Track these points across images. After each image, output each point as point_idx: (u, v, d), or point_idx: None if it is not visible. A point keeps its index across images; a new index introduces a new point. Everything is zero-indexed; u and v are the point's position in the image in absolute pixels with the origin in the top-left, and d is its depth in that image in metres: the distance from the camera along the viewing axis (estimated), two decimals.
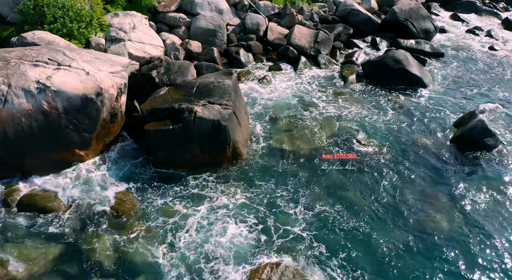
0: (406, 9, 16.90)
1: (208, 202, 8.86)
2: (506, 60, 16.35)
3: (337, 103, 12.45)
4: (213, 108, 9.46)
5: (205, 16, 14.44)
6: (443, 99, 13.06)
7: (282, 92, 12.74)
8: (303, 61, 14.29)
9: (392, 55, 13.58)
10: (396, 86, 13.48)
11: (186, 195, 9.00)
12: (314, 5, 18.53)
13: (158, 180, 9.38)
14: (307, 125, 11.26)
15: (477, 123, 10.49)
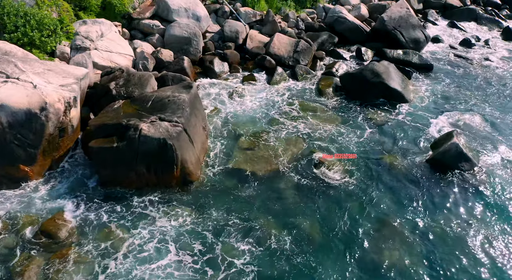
0: (395, 17, 16.07)
1: (150, 225, 8.37)
2: (500, 72, 15.35)
3: (308, 119, 11.79)
4: (160, 126, 8.98)
5: (180, 23, 13.99)
6: (424, 116, 12.24)
7: (251, 105, 12.17)
8: (279, 72, 13.69)
9: (372, 67, 12.83)
10: (374, 101, 12.73)
11: (127, 217, 8.53)
12: (303, 12, 17.89)
13: (101, 199, 8.94)
14: (271, 144, 10.64)
15: (450, 147, 9.69)
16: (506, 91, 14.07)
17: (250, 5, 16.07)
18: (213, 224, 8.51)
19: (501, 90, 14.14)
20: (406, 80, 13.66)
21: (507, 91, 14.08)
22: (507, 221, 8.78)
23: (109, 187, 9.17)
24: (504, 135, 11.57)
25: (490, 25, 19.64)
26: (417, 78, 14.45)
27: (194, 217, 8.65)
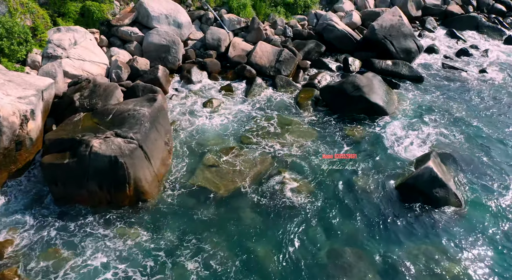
0: (386, 26, 15.36)
1: (99, 244, 8.04)
2: (495, 86, 14.46)
3: (282, 134, 11.25)
4: (113, 142, 8.63)
5: (159, 31, 13.65)
6: (405, 133, 11.54)
7: (223, 119, 11.72)
8: (258, 82, 13.20)
9: (353, 80, 12.22)
10: (354, 115, 12.10)
11: (77, 235, 8.23)
12: (293, 18, 17.32)
13: (54, 216, 8.64)
14: (238, 162, 10.17)
15: (424, 171, 9.03)
16: (498, 107, 13.21)
17: (235, 11, 15.62)
18: (165, 244, 8.17)
19: (493, 106, 13.26)
20: (392, 93, 12.99)
21: (499, 107, 13.21)
22: (478, 263, 8.08)
23: (63, 204, 8.90)
24: (490, 157, 10.81)
25: (492, 33, 18.64)
26: (405, 91, 13.73)
27: (146, 236, 8.31)
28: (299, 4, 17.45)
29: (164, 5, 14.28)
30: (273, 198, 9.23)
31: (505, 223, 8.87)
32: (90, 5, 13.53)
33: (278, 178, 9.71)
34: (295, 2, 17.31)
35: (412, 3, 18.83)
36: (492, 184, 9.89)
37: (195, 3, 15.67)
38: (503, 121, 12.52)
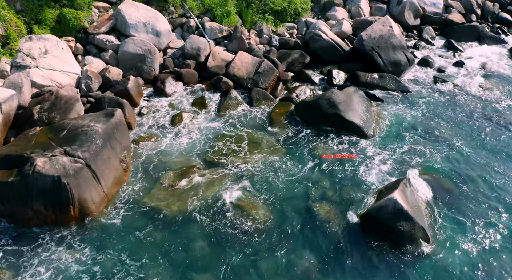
0: (375, 37, 14.60)
1: (41, 263, 7.79)
2: (490, 103, 13.50)
3: (249, 153, 10.70)
4: (57, 162, 8.29)
5: (134, 39, 13.31)
6: (381, 155, 10.83)
7: (190, 135, 11.25)
8: (233, 95, 12.70)
9: (329, 96, 11.58)
10: (329, 134, 11.47)
11: (19, 254, 7.96)
12: (282, 26, 16.72)
13: None
14: (196, 182, 9.69)
15: (388, 202, 8.35)
16: (490, 128, 12.27)
17: (218, 19, 15.15)
18: (106, 267, 7.88)
19: (484, 127, 12.31)
20: (373, 110, 12.27)
21: (491, 129, 12.27)
22: None
23: (8, 222, 8.64)
24: (473, 186, 9.96)
25: (494, 44, 17.58)
26: (389, 107, 12.94)
27: (89, 257, 8.02)
28: (289, 11, 16.83)
29: (142, 12, 13.94)
30: (226, 224, 8.73)
31: (475, 266, 8.11)
32: (66, 12, 13.31)
33: (234, 202, 9.20)
34: (284, 9, 16.71)
35: (410, 11, 17.93)
36: (470, 219, 9.10)
37: (178, 10, 15.28)
38: (493, 145, 11.57)
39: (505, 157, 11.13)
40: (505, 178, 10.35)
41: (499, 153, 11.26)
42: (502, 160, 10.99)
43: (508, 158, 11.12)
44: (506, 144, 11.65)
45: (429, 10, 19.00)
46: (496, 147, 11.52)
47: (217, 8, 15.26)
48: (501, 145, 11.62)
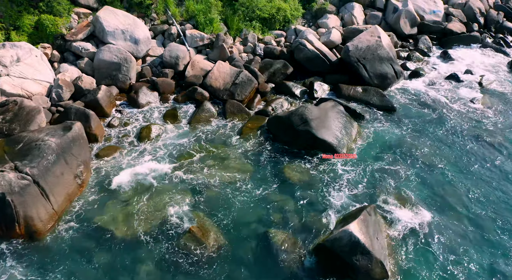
0: (362, 47, 13.94)
1: None
2: (482, 121, 12.70)
3: (212, 170, 10.23)
4: (3, 178, 8.06)
5: (110, 47, 13.05)
6: (352, 177, 10.20)
7: (155, 149, 10.85)
8: (206, 107, 12.29)
9: (302, 112, 11.03)
10: (300, 152, 10.91)
11: None
12: (270, 34, 16.22)
13: None
14: (151, 201, 9.26)
15: (343, 234, 7.77)
16: (479, 151, 11.44)
17: (201, 27, 14.77)
18: None
19: (472, 149, 11.51)
20: (352, 127, 11.64)
21: (480, 151, 11.44)
22: None
23: None
24: (446, 218, 9.26)
25: (495, 55, 16.63)
26: (370, 124, 12.29)
27: (32, 277, 7.73)
28: (278, 19, 16.32)
29: (121, 19, 13.68)
30: (175, 249, 8.31)
31: None
32: (44, 19, 13.16)
33: (187, 225, 8.76)
34: (272, 16, 16.20)
35: (406, 20, 17.13)
36: (440, 254, 8.40)
37: (161, 17, 14.97)
38: (479, 171, 10.75)
39: (490, 186, 10.31)
40: (486, 209, 9.58)
41: (485, 181, 10.45)
42: (486, 189, 10.19)
43: (493, 187, 10.30)
44: (494, 171, 10.81)
45: (428, 18, 18.16)
46: (483, 174, 10.70)
47: (200, 15, 14.88)
48: (489, 172, 10.80)
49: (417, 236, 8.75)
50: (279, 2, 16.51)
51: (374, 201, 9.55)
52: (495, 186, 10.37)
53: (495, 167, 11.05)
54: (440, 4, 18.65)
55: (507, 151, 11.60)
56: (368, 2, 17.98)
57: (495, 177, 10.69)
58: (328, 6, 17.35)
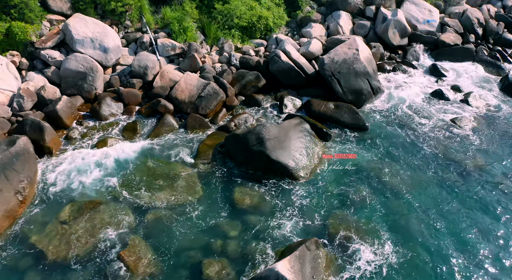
0: (338, 60, 13.24)
1: None
2: (462, 146, 11.79)
3: (161, 190, 9.82)
4: None
5: (77, 56, 12.83)
6: (306, 205, 9.57)
7: (106, 165, 10.46)
8: (167, 121, 11.90)
9: (258, 130, 10.49)
10: (255, 174, 10.37)
11: None
12: (250, 43, 15.68)
13: None
14: (92, 221, 8.96)
15: (269, 273, 7.21)
16: (453, 179, 10.55)
17: (174, 35, 14.37)
18: None
19: (447, 177, 10.65)
20: (316, 148, 11.03)
21: (454, 180, 10.56)
22: None
23: None
24: (401, 254, 8.52)
25: (490, 70, 15.56)
26: (339, 144, 11.61)
27: None
28: (258, 27, 15.76)
29: (91, 27, 13.45)
30: (104, 275, 8.01)
31: None
32: (14, 26, 13.06)
33: (121, 249, 8.45)
34: (253, 25, 15.66)
35: (395, 30, 16.24)
36: None
37: (135, 24, 14.67)
38: (451, 203, 9.88)
39: (461, 219, 9.49)
40: (454, 245, 8.82)
41: (456, 213, 9.63)
42: (457, 222, 9.39)
43: (464, 220, 9.48)
44: (467, 203, 9.94)
45: (422, 28, 17.19)
46: (454, 205, 9.87)
47: (175, 23, 14.50)
48: (462, 203, 9.95)
49: (370, 277, 8.12)
50: (261, 10, 15.94)
51: (325, 233, 8.97)
52: (467, 219, 9.54)
53: (469, 198, 10.18)
54: (436, 13, 17.64)
55: (484, 180, 10.69)
56: (357, 10, 17.17)
57: (467, 209, 9.85)
58: (313, 15, 16.66)
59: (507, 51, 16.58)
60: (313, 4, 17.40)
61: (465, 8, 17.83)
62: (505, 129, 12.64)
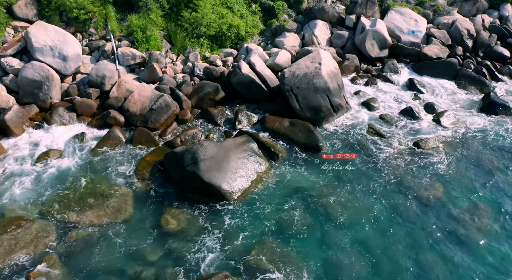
0: (299, 75, 12.56)
1: None
2: (422, 170, 10.91)
3: (89, 210, 9.49)
4: None
5: (33, 64, 12.74)
6: (234, 232, 9.02)
7: (42, 179, 10.20)
8: (114, 135, 11.59)
9: (195, 150, 10.02)
10: (188, 196, 9.88)
11: None
12: (219, 52, 15.20)
13: None
14: (12, 239, 8.78)
15: None
16: (407, 209, 9.76)
17: (136, 44, 14.09)
18: None
19: (398, 205, 9.88)
20: (258, 169, 10.46)
21: (409, 209, 9.76)
22: None
23: None
24: None
25: (472, 87, 14.41)
26: (287, 164, 10.98)
27: None
28: (229, 36, 15.25)
29: (51, 35, 13.34)
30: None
31: None
32: None
33: (33, 270, 8.23)
34: (223, 34, 15.16)
35: (373, 41, 15.33)
36: None
37: (100, 32, 14.49)
38: (396, 236, 9.15)
39: (404, 262, 8.68)
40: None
41: (400, 253, 8.84)
42: (397, 266, 8.61)
43: (411, 256, 8.78)
44: (416, 241, 9.14)
45: (406, 39, 16.21)
46: (401, 244, 9.06)
47: (138, 31, 14.21)
48: (410, 242, 9.12)
49: None
50: (233, 18, 15.43)
51: (245, 264, 8.43)
52: (413, 262, 8.73)
53: (420, 236, 9.33)
54: (423, 23, 16.59)
55: (440, 214, 9.80)
56: (336, 19, 16.36)
57: (415, 249, 9.05)
58: (288, 24, 15.99)
59: (496, 66, 15.33)
60: (291, 12, 16.73)
61: (454, 19, 16.66)
62: (475, 155, 11.64)
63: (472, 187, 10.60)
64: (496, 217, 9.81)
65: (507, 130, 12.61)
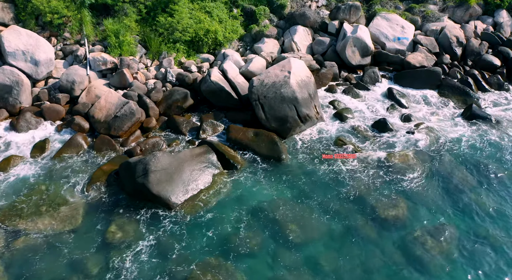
0: (268, 83, 12.18)
1: None
2: (388, 186, 10.41)
3: (39, 217, 9.42)
4: None
5: (4, 69, 12.79)
6: (178, 247, 8.76)
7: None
8: (75, 142, 11.48)
9: (147, 161, 9.80)
10: (141, 205, 9.72)
11: None
12: (197, 58, 14.95)
13: None
14: None
15: None
16: (367, 227, 9.33)
17: (109, 49, 13.97)
18: None
19: (359, 223, 9.43)
20: (213, 182, 10.17)
21: (369, 228, 9.32)
22: None
23: None
24: None
25: (455, 97, 13.71)
26: (245, 176, 10.60)
27: None
28: (206, 41, 14.98)
29: (23, 40, 13.36)
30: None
31: None
32: None
33: None
34: (199, 39, 14.91)
35: (354, 48, 14.79)
36: None
37: (75, 37, 14.45)
38: (352, 269, 8.64)
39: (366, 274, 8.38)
40: None
41: (351, 273, 8.47)
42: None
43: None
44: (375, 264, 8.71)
45: (390, 46, 15.63)
46: (357, 266, 8.63)
47: (112, 36, 14.10)
48: (366, 264, 8.70)
49: None
50: (211, 23, 15.16)
51: None
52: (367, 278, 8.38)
53: (378, 252, 8.96)
54: (410, 30, 15.95)
55: (401, 235, 9.31)
56: (318, 25, 15.89)
57: (372, 265, 8.66)
58: (267, 29, 15.62)
59: (485, 75, 14.57)
60: (273, 17, 16.34)
61: (444, 25, 15.94)
62: (448, 171, 11.03)
63: (438, 207, 10.05)
64: (459, 242, 9.25)
65: (486, 144, 11.95)
